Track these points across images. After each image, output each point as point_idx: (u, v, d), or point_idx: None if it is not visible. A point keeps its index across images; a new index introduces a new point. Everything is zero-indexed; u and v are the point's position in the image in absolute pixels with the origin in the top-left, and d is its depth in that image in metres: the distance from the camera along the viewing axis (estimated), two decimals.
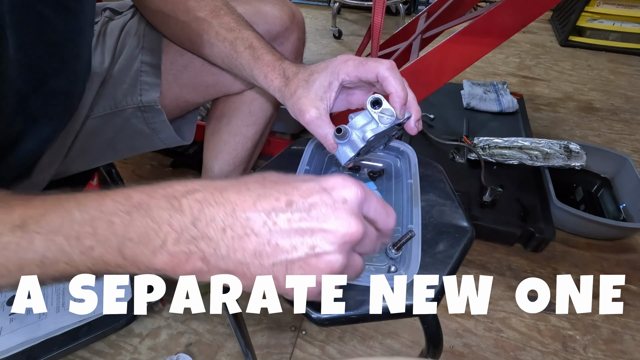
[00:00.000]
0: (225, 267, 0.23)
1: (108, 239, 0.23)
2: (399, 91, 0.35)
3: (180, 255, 0.23)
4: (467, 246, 0.40)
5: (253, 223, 0.23)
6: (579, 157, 0.97)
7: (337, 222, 0.23)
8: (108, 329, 0.69)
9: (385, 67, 0.35)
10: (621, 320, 0.79)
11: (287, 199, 0.23)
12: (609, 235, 0.94)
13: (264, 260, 0.23)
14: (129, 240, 0.23)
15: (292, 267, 0.23)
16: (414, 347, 0.75)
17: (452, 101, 1.29)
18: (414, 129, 0.38)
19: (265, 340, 0.75)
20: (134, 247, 0.23)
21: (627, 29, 1.72)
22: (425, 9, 1.18)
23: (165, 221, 0.23)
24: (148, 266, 0.24)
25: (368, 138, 0.35)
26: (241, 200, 0.23)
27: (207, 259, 0.23)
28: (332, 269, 0.23)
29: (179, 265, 0.23)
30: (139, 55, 0.55)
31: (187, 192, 0.24)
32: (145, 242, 0.23)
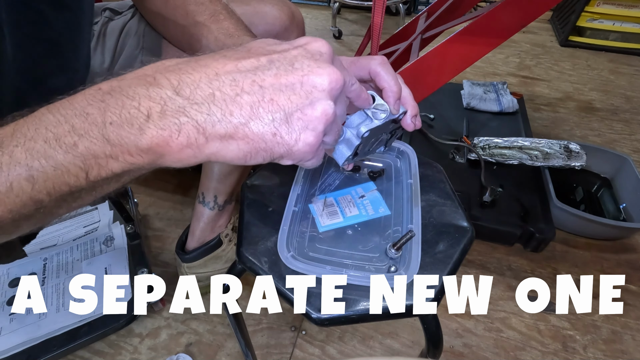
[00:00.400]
0: (224, 132, 0.22)
1: (89, 130, 0.21)
2: (391, 85, 0.34)
3: (171, 127, 0.21)
4: (467, 246, 0.40)
5: (241, 83, 0.23)
6: (579, 157, 0.97)
7: (322, 71, 0.24)
8: (108, 329, 0.70)
9: (376, 62, 0.35)
10: (621, 320, 0.79)
11: (267, 57, 0.24)
12: (609, 235, 0.94)
13: (263, 117, 0.23)
14: (110, 124, 0.21)
15: (292, 120, 0.23)
16: (414, 347, 0.75)
17: (452, 101, 1.29)
18: (410, 125, 0.37)
19: (265, 340, 0.75)
20: (117, 130, 0.21)
21: (627, 29, 1.72)
22: (425, 9, 1.18)
23: (143, 95, 0.22)
24: (139, 146, 0.22)
25: (362, 133, 0.34)
26: (222, 65, 0.23)
27: (201, 127, 0.22)
28: (327, 116, 0.24)
29: (172, 138, 0.22)
30: (139, 56, 0.55)
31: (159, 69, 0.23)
32: (128, 121, 0.21)
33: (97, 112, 0.22)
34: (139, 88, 0.22)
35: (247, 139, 0.23)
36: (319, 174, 0.48)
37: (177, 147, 0.22)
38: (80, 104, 0.22)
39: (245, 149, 0.23)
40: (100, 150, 0.22)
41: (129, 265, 0.77)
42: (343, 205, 0.44)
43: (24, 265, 0.78)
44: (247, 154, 0.24)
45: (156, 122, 0.21)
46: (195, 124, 0.22)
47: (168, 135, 0.22)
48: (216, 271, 0.77)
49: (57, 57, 0.41)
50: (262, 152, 0.24)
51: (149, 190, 1.07)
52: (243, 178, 0.73)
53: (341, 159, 0.36)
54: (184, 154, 0.23)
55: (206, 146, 0.23)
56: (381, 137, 0.39)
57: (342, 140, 0.35)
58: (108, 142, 0.21)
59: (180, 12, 0.49)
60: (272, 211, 0.43)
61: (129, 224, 0.84)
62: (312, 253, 0.39)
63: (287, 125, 0.23)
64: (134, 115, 0.21)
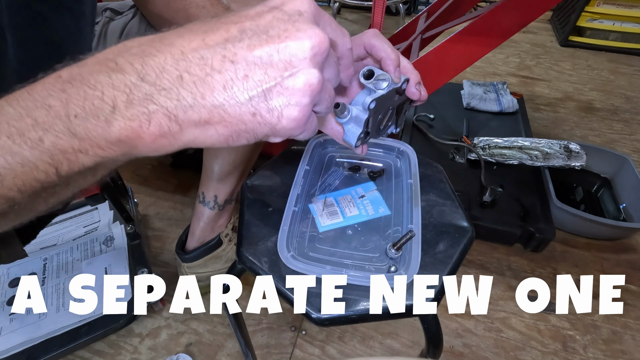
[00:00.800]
0: (198, 118, 0.20)
1: (53, 124, 0.20)
2: (389, 53, 0.34)
3: (140, 117, 0.20)
4: (467, 246, 0.40)
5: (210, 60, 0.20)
6: (579, 157, 0.97)
7: (301, 34, 0.21)
8: (108, 329, 0.70)
9: (369, 35, 0.35)
10: (621, 320, 0.79)
11: (237, 27, 0.21)
12: (609, 235, 0.94)
13: (239, 96, 0.21)
14: (75, 117, 0.20)
15: (271, 96, 0.21)
16: (414, 347, 0.75)
17: (452, 101, 1.29)
18: (415, 93, 0.36)
19: (265, 340, 0.75)
20: (83, 123, 0.20)
21: (627, 29, 1.72)
22: (425, 9, 1.18)
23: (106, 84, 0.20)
24: (108, 139, 0.20)
25: (368, 104, 0.33)
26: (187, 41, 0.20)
27: (173, 114, 0.20)
28: (312, 87, 0.21)
29: (142, 129, 0.20)
30: None
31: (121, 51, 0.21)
32: (93, 113, 0.20)
33: (59, 104, 0.20)
34: (100, 76, 0.20)
35: (224, 122, 0.21)
36: (319, 174, 0.48)
37: (149, 137, 0.20)
38: (40, 95, 0.20)
39: (224, 132, 0.22)
40: (68, 145, 0.20)
41: (129, 265, 0.77)
42: (343, 205, 0.44)
43: (24, 265, 0.78)
44: (227, 138, 0.22)
45: (123, 113, 0.20)
46: (166, 111, 0.20)
47: (138, 126, 0.20)
48: (216, 271, 0.77)
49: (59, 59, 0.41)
50: (243, 133, 0.22)
51: (149, 190, 1.07)
52: (243, 178, 0.73)
53: (353, 138, 0.35)
54: (159, 143, 0.21)
55: (181, 134, 0.21)
56: (390, 113, 0.38)
57: (349, 119, 0.34)
58: (75, 136, 0.20)
59: (181, 15, 0.49)
60: (272, 211, 0.43)
61: (129, 224, 0.84)
62: (312, 253, 0.39)
63: (266, 103, 0.21)
64: (99, 106, 0.20)
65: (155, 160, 1.17)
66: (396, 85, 0.34)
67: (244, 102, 0.21)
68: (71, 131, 0.20)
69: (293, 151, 0.51)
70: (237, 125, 0.21)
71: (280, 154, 0.52)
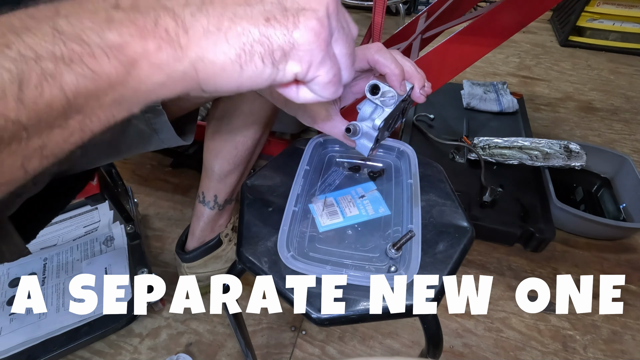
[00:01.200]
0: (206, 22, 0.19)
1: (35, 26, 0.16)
2: (392, 69, 0.34)
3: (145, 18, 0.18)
4: (467, 246, 0.40)
5: None
6: (579, 157, 0.97)
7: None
8: (108, 329, 0.70)
9: (373, 51, 0.35)
10: (621, 320, 0.79)
11: None
12: (609, 235, 0.94)
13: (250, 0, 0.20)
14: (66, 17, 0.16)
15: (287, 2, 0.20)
16: (414, 347, 0.75)
17: (452, 101, 1.29)
18: (420, 97, 0.37)
19: (265, 340, 0.75)
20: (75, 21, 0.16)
21: (627, 29, 1.72)
22: (425, 9, 1.18)
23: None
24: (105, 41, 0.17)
25: (378, 126, 0.35)
26: None
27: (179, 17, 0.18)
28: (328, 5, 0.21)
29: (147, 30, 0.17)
30: None
31: None
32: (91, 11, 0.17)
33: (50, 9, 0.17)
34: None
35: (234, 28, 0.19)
36: (319, 174, 0.48)
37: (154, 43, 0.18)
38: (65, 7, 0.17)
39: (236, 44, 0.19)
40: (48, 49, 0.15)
41: (129, 265, 0.77)
42: (343, 205, 0.44)
43: (24, 265, 0.78)
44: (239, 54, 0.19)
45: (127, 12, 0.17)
46: (172, 13, 0.18)
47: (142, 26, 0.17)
48: (216, 271, 0.77)
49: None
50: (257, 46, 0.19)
51: (149, 190, 1.07)
52: (243, 178, 0.73)
53: (365, 151, 0.38)
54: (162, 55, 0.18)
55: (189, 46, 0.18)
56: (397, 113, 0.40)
57: (361, 135, 0.36)
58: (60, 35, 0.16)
59: None
60: (272, 211, 0.43)
61: (129, 224, 0.84)
62: (312, 253, 0.39)
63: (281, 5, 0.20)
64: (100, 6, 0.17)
65: (155, 160, 1.17)
66: (402, 97, 0.36)
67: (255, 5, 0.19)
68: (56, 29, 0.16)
69: (293, 151, 0.51)
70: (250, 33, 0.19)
71: (280, 154, 0.52)
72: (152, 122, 0.56)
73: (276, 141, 1.11)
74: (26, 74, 0.15)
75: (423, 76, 0.37)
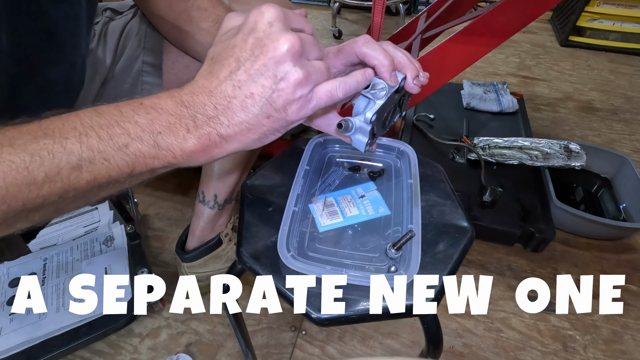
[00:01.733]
0: (233, 132, 0.28)
1: (140, 135, 0.27)
2: (381, 61, 0.34)
3: (204, 137, 0.28)
4: (467, 246, 0.40)
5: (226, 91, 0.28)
6: (579, 157, 0.97)
7: (275, 44, 0.27)
8: (108, 329, 0.70)
9: (360, 44, 0.35)
10: (621, 320, 0.79)
11: (234, 59, 0.28)
12: (609, 235, 0.94)
13: (252, 110, 0.28)
14: (159, 134, 0.27)
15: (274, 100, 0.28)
16: (414, 347, 0.75)
17: (452, 101, 1.29)
18: (414, 88, 0.37)
19: (265, 340, 0.75)
20: (165, 138, 0.27)
21: (627, 29, 1.72)
22: (425, 9, 1.18)
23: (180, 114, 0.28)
24: (183, 150, 0.28)
25: (370, 119, 0.34)
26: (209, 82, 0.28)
27: (219, 132, 0.28)
28: (300, 81, 0.28)
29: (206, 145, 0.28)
30: (140, 56, 0.55)
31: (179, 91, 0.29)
32: (174, 133, 0.27)
33: (145, 121, 0.27)
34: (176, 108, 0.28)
35: (251, 131, 0.29)
36: (319, 174, 0.48)
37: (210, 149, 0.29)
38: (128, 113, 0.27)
39: (254, 136, 0.29)
40: (150, 153, 0.27)
41: (129, 265, 0.77)
42: (343, 205, 0.44)
43: (24, 265, 0.78)
44: (260, 139, 0.30)
45: (194, 133, 0.28)
46: (217, 131, 0.28)
47: (204, 142, 0.28)
48: (216, 271, 0.77)
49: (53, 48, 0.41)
50: (268, 132, 0.29)
51: (149, 190, 1.07)
52: (243, 177, 0.73)
53: (361, 146, 0.37)
54: (214, 152, 0.29)
55: (228, 144, 0.29)
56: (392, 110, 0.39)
57: (355, 130, 0.36)
58: (158, 146, 0.27)
59: (183, 17, 0.49)
60: (272, 211, 0.43)
61: (129, 224, 0.84)
62: (312, 253, 0.39)
63: (272, 106, 0.28)
64: (178, 128, 0.28)
65: None
66: (394, 88, 0.35)
67: (257, 112, 0.28)
68: (155, 142, 0.27)
69: (293, 151, 0.51)
70: (260, 129, 0.29)
71: (280, 154, 0.52)
72: None
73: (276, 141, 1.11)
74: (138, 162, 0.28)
75: (417, 66, 0.36)
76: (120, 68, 0.55)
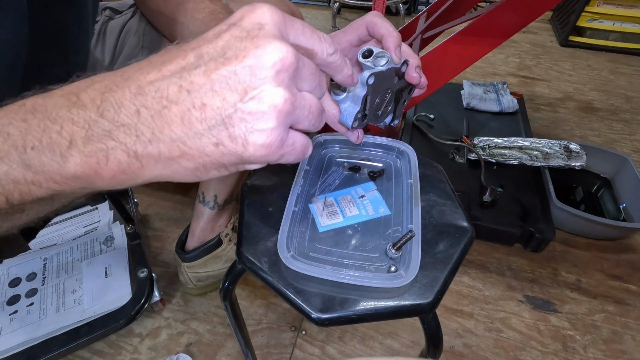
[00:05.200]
0: (157, 152, 0.20)
1: (8, 153, 0.19)
2: (391, 31, 0.33)
3: (98, 154, 0.19)
4: (467, 246, 0.40)
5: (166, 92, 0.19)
6: (579, 157, 0.97)
7: (259, 52, 0.19)
8: (108, 329, 0.69)
9: (371, 15, 0.34)
10: (621, 320, 0.79)
11: (195, 52, 0.20)
12: (609, 235, 0.94)
13: (197, 127, 0.19)
14: (32, 149, 0.19)
15: (233, 123, 0.19)
16: (414, 347, 0.75)
17: (452, 101, 1.29)
18: (416, 77, 0.35)
19: (265, 340, 0.75)
20: (38, 156, 0.19)
21: (627, 29, 1.72)
22: (425, 9, 1.18)
23: (67, 119, 0.19)
24: (63, 175, 0.20)
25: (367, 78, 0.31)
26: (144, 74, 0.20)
27: (132, 150, 0.19)
28: (277, 108, 0.19)
29: (100, 165, 0.19)
30: (139, 55, 0.55)
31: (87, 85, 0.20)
32: (50, 147, 0.19)
33: (17, 133, 0.19)
34: (62, 110, 0.19)
35: (186, 155, 0.20)
36: (319, 174, 0.48)
37: (107, 174, 0.20)
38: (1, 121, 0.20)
39: (189, 166, 0.20)
40: (21, 176, 0.20)
41: (129, 265, 0.77)
42: (343, 205, 0.44)
43: (24, 265, 0.78)
44: (195, 171, 0.21)
45: (80, 149, 0.19)
46: (125, 147, 0.19)
47: (95, 163, 0.19)
48: (216, 271, 0.77)
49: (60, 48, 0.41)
50: (210, 165, 0.21)
51: (149, 190, 1.07)
52: (243, 177, 0.73)
53: (349, 118, 0.33)
54: (119, 179, 0.20)
55: (143, 170, 0.20)
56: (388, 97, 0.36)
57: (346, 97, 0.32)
58: (29, 168, 0.19)
59: (180, 10, 0.49)
60: (272, 211, 0.43)
61: (129, 224, 0.84)
62: (312, 253, 0.39)
63: (227, 131, 0.19)
64: (56, 140, 0.19)
65: None
66: (396, 66, 0.33)
67: (204, 133, 0.19)
68: (25, 163, 0.19)
69: None
70: (201, 158, 0.20)
71: None
72: None
73: None
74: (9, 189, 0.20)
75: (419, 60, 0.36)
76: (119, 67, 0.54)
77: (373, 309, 0.34)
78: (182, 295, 0.80)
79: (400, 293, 0.35)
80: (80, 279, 0.73)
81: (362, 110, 0.33)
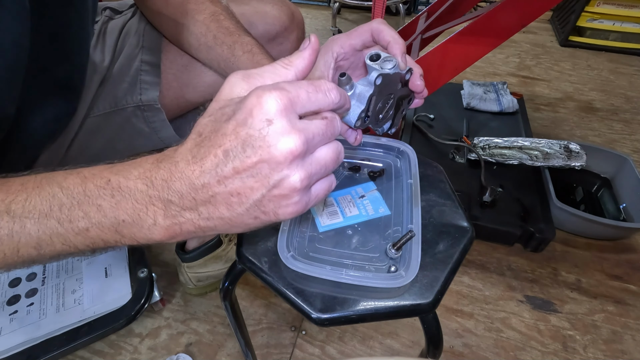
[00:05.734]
0: (214, 225, 0.26)
1: (101, 221, 0.25)
2: (396, 38, 0.34)
3: (174, 227, 0.26)
4: (467, 246, 0.40)
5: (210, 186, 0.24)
6: (579, 157, 0.97)
7: (272, 150, 0.22)
8: (108, 329, 0.69)
9: (376, 22, 0.35)
10: (621, 320, 0.79)
11: (222, 149, 0.23)
12: (609, 235, 0.94)
13: (237, 209, 0.25)
14: (122, 222, 0.25)
15: (263, 204, 0.24)
16: (414, 347, 0.75)
17: (452, 101, 1.29)
18: (419, 85, 0.36)
19: (265, 340, 0.75)
20: (129, 227, 0.26)
21: (627, 29, 1.72)
22: (425, 9, 1.18)
23: (149, 202, 0.25)
24: (148, 239, 0.26)
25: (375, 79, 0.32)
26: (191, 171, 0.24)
27: (197, 224, 0.25)
28: (297, 189, 0.24)
29: (175, 234, 0.26)
30: (138, 54, 0.55)
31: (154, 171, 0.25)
32: (138, 223, 0.25)
33: (108, 207, 0.25)
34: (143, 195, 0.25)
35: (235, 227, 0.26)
36: None
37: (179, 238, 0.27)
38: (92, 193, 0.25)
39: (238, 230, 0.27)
40: (112, 238, 0.26)
41: (129, 265, 0.77)
42: (343, 205, 0.44)
43: None
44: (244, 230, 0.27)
45: (162, 224, 0.25)
46: (192, 222, 0.25)
47: (173, 232, 0.26)
48: (216, 271, 0.77)
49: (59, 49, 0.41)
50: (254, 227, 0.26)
51: None
52: None
53: (353, 117, 0.34)
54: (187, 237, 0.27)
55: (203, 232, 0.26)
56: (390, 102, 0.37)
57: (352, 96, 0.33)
58: (119, 234, 0.26)
59: (180, 11, 0.49)
60: None
61: None
62: (312, 253, 0.39)
63: (260, 209, 0.25)
64: (143, 218, 0.25)
65: None
66: (402, 72, 0.34)
67: (243, 213, 0.25)
68: (117, 230, 0.26)
69: None
70: (246, 226, 0.26)
71: None
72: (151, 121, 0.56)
73: None
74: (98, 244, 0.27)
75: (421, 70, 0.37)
76: (118, 67, 0.55)
77: (373, 309, 0.34)
78: (182, 295, 0.81)
79: (400, 293, 0.35)
80: (80, 279, 0.73)
81: (366, 110, 0.33)
